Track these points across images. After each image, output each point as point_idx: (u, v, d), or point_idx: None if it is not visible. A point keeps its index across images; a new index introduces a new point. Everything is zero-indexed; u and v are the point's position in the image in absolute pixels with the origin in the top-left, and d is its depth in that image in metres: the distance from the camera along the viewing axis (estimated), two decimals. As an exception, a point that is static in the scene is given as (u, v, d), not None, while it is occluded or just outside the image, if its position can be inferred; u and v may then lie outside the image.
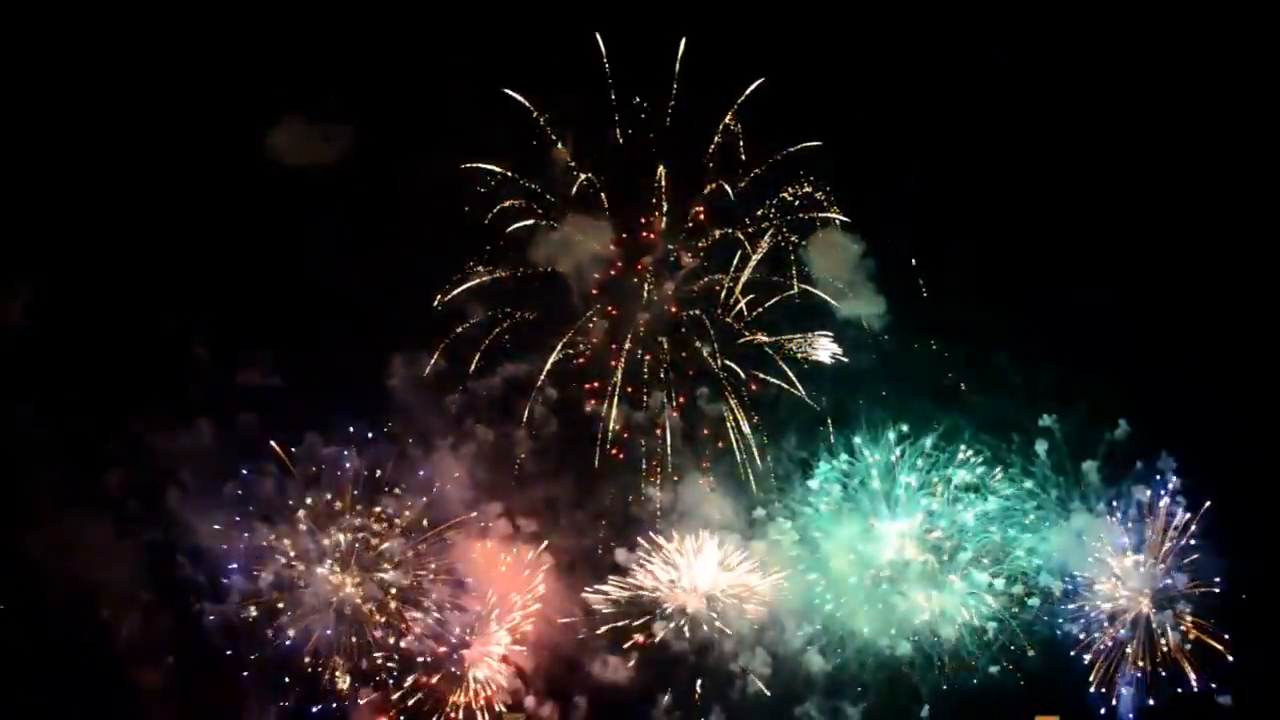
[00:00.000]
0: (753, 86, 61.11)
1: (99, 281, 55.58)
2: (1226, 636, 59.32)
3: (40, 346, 55.98)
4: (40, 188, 54.96)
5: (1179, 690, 59.64)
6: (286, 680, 58.97)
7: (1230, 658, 59.15)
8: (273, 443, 58.60)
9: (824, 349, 62.43)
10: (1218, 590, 59.55)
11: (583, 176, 61.47)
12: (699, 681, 61.01)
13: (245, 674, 58.56)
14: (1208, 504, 59.54)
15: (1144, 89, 60.77)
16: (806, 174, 62.31)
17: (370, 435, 59.70)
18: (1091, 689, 60.13)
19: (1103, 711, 60.12)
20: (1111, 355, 59.80)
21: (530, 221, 61.49)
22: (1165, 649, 59.79)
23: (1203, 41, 60.14)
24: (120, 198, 55.70)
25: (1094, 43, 61.40)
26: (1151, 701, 59.84)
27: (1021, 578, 61.18)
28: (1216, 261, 60.09)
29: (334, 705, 59.31)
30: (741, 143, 61.96)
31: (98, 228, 55.58)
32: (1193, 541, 59.96)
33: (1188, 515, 59.97)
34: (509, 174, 61.28)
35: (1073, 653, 60.54)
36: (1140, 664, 60.03)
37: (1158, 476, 60.21)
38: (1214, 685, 59.23)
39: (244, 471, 58.58)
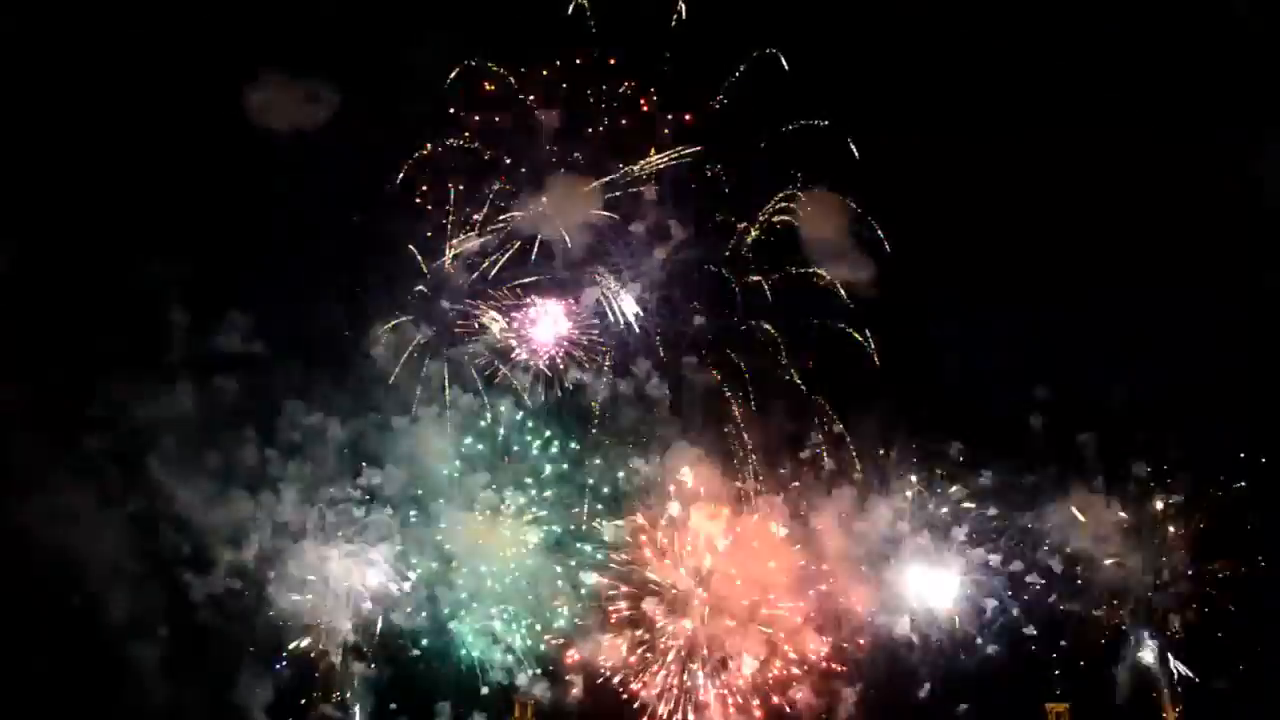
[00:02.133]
0: (754, 55, 60.19)
1: (74, 242, 55.26)
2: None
3: (13, 308, 55.59)
4: (11, 147, 54.73)
5: (1179, 674, 59.10)
6: (279, 655, 58.61)
7: (1230, 642, 58.43)
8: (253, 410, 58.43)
9: None
10: (1221, 572, 58.83)
11: (569, 144, 61.02)
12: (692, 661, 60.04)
13: (237, 648, 57.95)
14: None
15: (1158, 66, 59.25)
16: (804, 145, 61.31)
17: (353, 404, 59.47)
18: (1091, 669, 59.50)
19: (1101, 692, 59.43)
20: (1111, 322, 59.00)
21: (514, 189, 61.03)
22: (1166, 632, 59.23)
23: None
24: (96, 157, 55.37)
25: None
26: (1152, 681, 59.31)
27: (1019, 555, 60.28)
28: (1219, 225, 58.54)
29: (327, 681, 58.97)
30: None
31: (72, 188, 55.33)
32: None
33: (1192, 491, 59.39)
34: (493, 136, 60.82)
35: (1072, 632, 59.80)
36: (1140, 645, 59.46)
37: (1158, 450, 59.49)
38: (1213, 669, 58.63)
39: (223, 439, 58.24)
